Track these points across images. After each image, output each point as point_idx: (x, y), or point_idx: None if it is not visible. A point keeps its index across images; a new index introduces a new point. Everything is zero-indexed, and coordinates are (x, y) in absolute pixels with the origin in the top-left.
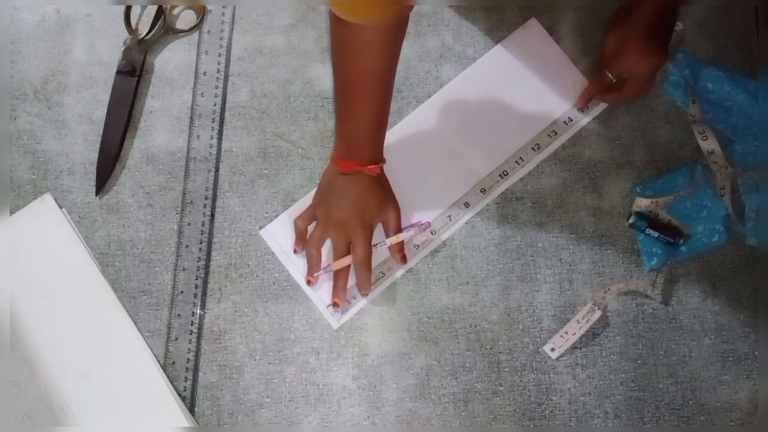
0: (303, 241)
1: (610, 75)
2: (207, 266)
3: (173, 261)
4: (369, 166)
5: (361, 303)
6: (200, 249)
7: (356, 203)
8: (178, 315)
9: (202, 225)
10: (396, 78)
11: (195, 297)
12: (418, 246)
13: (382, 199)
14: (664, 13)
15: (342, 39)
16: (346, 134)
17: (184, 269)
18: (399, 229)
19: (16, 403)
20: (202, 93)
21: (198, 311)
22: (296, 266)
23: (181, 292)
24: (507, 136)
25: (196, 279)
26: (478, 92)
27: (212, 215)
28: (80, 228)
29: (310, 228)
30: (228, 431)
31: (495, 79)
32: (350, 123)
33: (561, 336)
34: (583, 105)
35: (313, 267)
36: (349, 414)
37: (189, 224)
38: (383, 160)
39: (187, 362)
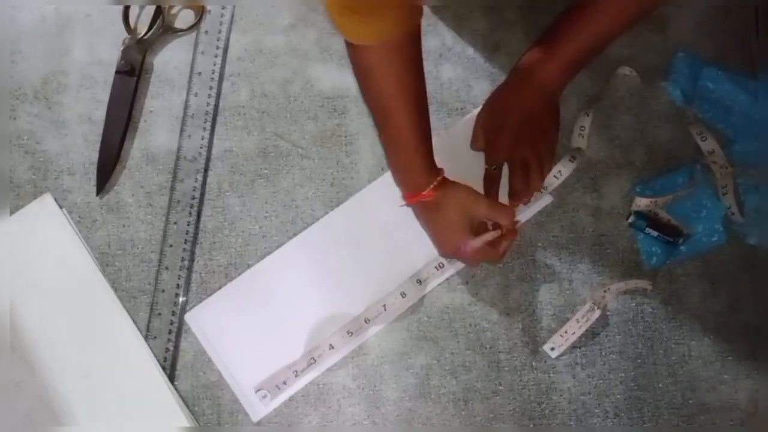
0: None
1: (491, 166)
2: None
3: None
4: (424, 192)
5: (291, 390)
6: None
7: (445, 227)
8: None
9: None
10: None
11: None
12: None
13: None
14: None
15: (358, 64)
16: (393, 165)
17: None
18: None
19: (16, 403)
20: (196, 93)
21: None
22: (218, 354)
23: None
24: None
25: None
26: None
27: (200, 216)
28: (80, 228)
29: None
30: (228, 431)
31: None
32: (391, 149)
33: (561, 335)
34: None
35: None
36: (349, 413)
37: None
38: (439, 172)
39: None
